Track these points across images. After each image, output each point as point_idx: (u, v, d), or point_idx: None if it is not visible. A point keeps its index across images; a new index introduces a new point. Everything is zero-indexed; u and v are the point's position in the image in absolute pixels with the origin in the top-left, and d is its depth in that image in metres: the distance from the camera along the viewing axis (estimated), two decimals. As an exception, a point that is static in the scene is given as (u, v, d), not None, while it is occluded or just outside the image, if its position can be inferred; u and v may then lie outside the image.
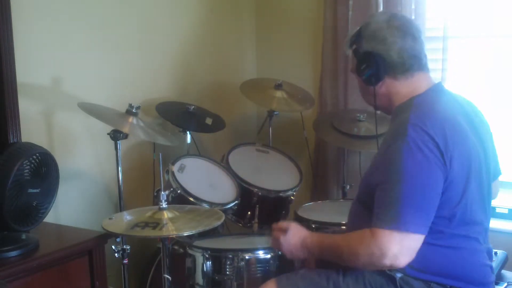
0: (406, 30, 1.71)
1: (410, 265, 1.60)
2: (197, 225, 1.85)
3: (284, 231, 1.78)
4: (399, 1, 2.78)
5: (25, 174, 1.91)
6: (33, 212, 1.99)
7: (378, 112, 1.92)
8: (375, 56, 1.71)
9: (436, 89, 1.74)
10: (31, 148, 1.96)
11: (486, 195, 1.71)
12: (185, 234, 1.79)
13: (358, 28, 1.79)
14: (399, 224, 1.52)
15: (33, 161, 1.94)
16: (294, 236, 1.77)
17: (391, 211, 1.54)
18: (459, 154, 1.57)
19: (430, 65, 1.80)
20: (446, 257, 1.63)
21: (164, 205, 1.88)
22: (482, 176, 1.68)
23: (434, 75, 2.68)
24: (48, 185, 2.02)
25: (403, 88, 1.73)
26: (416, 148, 1.54)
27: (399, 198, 1.53)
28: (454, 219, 1.61)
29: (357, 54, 1.77)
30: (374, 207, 1.59)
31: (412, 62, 1.71)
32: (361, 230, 1.60)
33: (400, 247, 1.53)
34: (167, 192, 1.95)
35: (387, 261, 1.53)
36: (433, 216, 1.57)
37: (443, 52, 2.72)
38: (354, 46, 1.78)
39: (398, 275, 1.63)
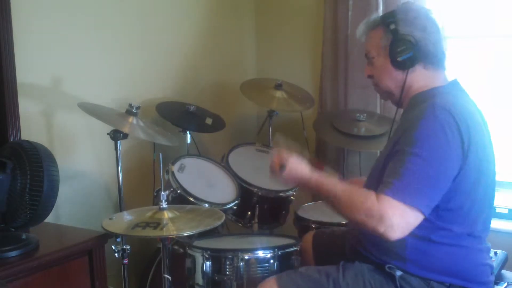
0: (440, 26, 1.76)
1: (412, 262, 1.61)
2: (197, 225, 1.85)
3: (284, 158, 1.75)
4: (399, 1, 2.78)
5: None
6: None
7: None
8: (413, 42, 1.71)
9: (455, 84, 1.77)
10: (45, 148, 1.96)
11: (491, 194, 1.72)
12: (186, 234, 1.79)
13: (391, 10, 1.79)
14: (405, 196, 1.52)
15: None
16: (293, 166, 1.74)
17: (401, 181, 1.54)
18: (476, 146, 1.59)
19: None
20: (448, 255, 1.63)
21: (164, 205, 1.88)
22: (491, 173, 1.69)
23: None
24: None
25: (425, 79, 1.74)
26: (442, 130, 1.55)
27: (412, 171, 1.54)
28: (462, 212, 1.61)
29: (396, 35, 1.73)
30: (385, 174, 1.59)
31: (442, 57, 1.76)
32: (366, 190, 1.60)
33: (400, 219, 1.52)
34: (167, 192, 1.95)
35: (382, 228, 1.52)
36: (438, 200, 1.56)
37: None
38: (392, 26, 1.74)
39: (398, 273, 1.64)
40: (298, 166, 1.74)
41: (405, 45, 1.72)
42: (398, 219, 1.52)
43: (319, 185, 1.70)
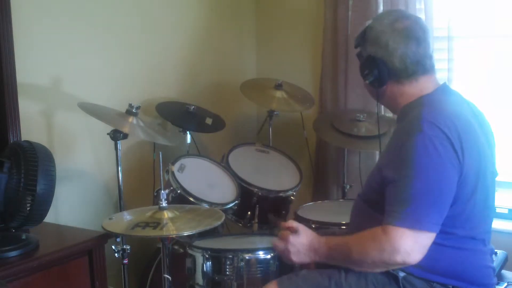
0: (409, 34, 1.69)
1: (414, 264, 1.60)
2: (197, 225, 1.85)
3: (294, 231, 1.77)
4: (399, 1, 2.78)
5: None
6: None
7: (382, 113, 1.93)
8: (378, 62, 1.70)
9: (443, 89, 1.75)
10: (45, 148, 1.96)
11: (491, 195, 1.71)
12: (185, 234, 1.79)
13: (364, 28, 1.78)
14: (412, 222, 1.52)
15: None
16: (303, 237, 1.75)
17: (404, 208, 1.53)
18: (470, 152, 1.58)
19: (436, 65, 1.79)
20: (451, 257, 1.63)
21: (164, 204, 1.88)
22: (489, 176, 1.68)
23: (440, 75, 2.67)
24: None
25: (408, 90, 1.73)
26: (431, 145, 1.53)
27: (413, 195, 1.53)
28: (462, 218, 1.61)
29: (361, 58, 1.77)
30: (385, 204, 1.59)
31: (415, 68, 1.70)
32: (372, 229, 1.59)
33: (413, 244, 1.52)
34: (167, 191, 1.95)
35: (399, 258, 1.53)
36: (445, 214, 1.56)
37: (449, 52, 2.71)
38: (358, 50, 1.78)
39: (401, 274, 1.63)
40: (309, 232, 1.77)
41: (368, 68, 1.73)
42: (411, 244, 1.52)
43: (330, 242, 1.71)
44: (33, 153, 1.83)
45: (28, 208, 1.81)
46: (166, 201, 1.90)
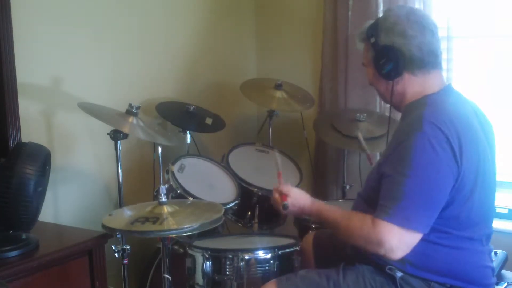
0: (426, 25, 1.70)
1: (411, 263, 1.61)
2: (197, 219, 1.83)
3: (285, 195, 1.86)
4: (399, 1, 2.78)
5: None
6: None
7: (387, 114, 1.91)
8: (396, 50, 1.69)
9: (448, 90, 1.74)
10: (42, 149, 1.96)
11: (492, 196, 1.72)
12: (186, 227, 1.77)
13: (376, 20, 1.77)
14: (402, 220, 1.53)
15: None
16: (294, 202, 1.85)
17: (396, 205, 1.54)
18: (469, 154, 1.58)
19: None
20: (448, 257, 1.63)
21: (163, 199, 1.87)
22: (490, 176, 1.68)
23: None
24: (47, 182, 2.03)
25: (418, 85, 1.72)
26: (430, 146, 1.54)
27: (406, 193, 1.54)
28: (459, 219, 1.61)
29: (376, 48, 1.73)
30: (379, 197, 1.60)
31: (431, 59, 1.71)
32: (363, 215, 1.62)
33: (398, 241, 1.54)
34: (166, 185, 1.94)
35: (382, 251, 1.56)
36: (436, 216, 1.57)
37: (448, 52, 2.71)
38: (373, 39, 1.74)
39: (399, 274, 1.64)
40: (299, 198, 1.86)
41: (385, 57, 1.71)
42: (397, 242, 1.54)
43: (320, 213, 1.80)
44: (19, 153, 1.84)
45: (3, 208, 1.81)
46: (165, 196, 1.89)
